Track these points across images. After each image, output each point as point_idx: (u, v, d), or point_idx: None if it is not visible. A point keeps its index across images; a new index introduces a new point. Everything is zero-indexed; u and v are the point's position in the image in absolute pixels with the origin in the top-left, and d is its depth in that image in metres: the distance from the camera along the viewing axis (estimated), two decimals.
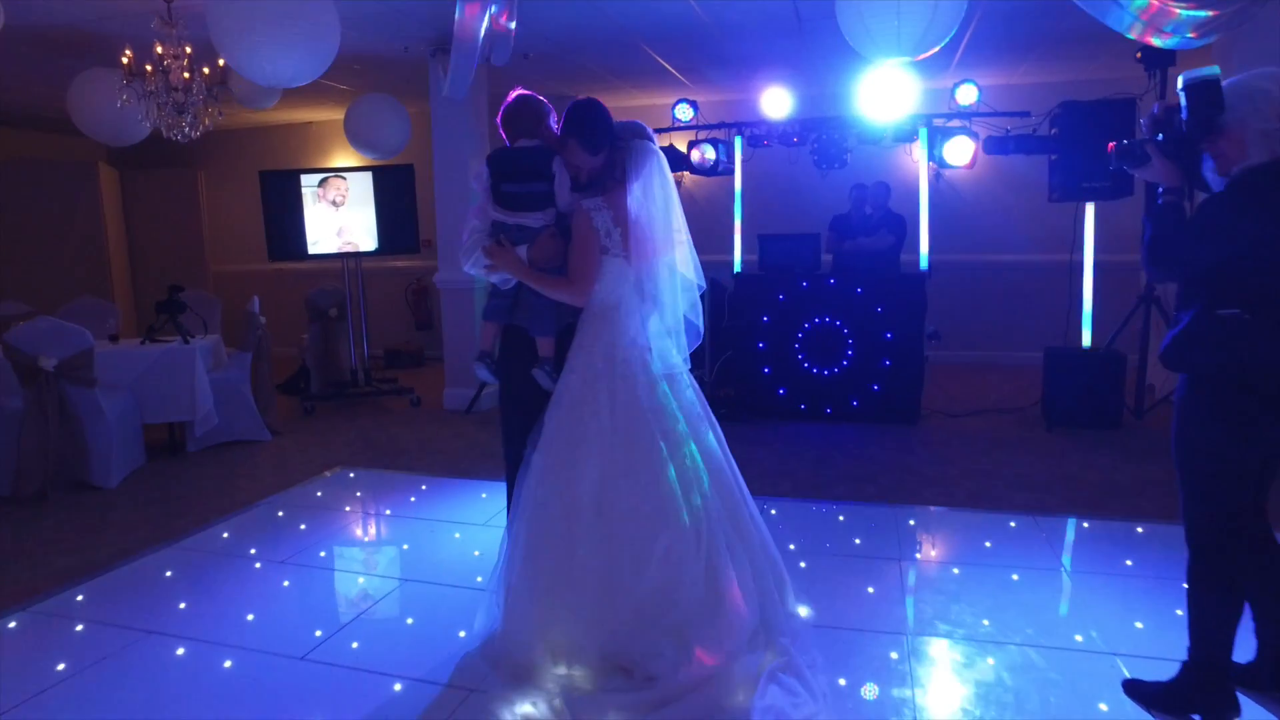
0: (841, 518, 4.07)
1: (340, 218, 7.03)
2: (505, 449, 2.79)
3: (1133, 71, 6.47)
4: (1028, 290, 7.84)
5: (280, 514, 4.28)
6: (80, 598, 3.29)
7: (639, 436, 2.50)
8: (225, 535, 3.98)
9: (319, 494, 4.63)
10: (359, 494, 4.71)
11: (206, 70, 5.06)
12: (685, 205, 2.76)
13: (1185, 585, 2.27)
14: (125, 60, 4.70)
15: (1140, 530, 3.76)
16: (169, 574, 3.51)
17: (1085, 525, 3.88)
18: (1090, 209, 5.85)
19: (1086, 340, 5.98)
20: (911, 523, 4.01)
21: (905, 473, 4.81)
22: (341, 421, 6.50)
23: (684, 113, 6.47)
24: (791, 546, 3.66)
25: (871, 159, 7.34)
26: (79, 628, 3.03)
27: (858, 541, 3.74)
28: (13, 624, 3.06)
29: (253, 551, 3.73)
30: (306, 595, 3.31)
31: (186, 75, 4.83)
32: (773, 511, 4.14)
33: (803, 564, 3.48)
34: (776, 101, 6.13)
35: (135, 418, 5.19)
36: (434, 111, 6.55)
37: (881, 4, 3.08)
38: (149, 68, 4.84)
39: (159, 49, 4.69)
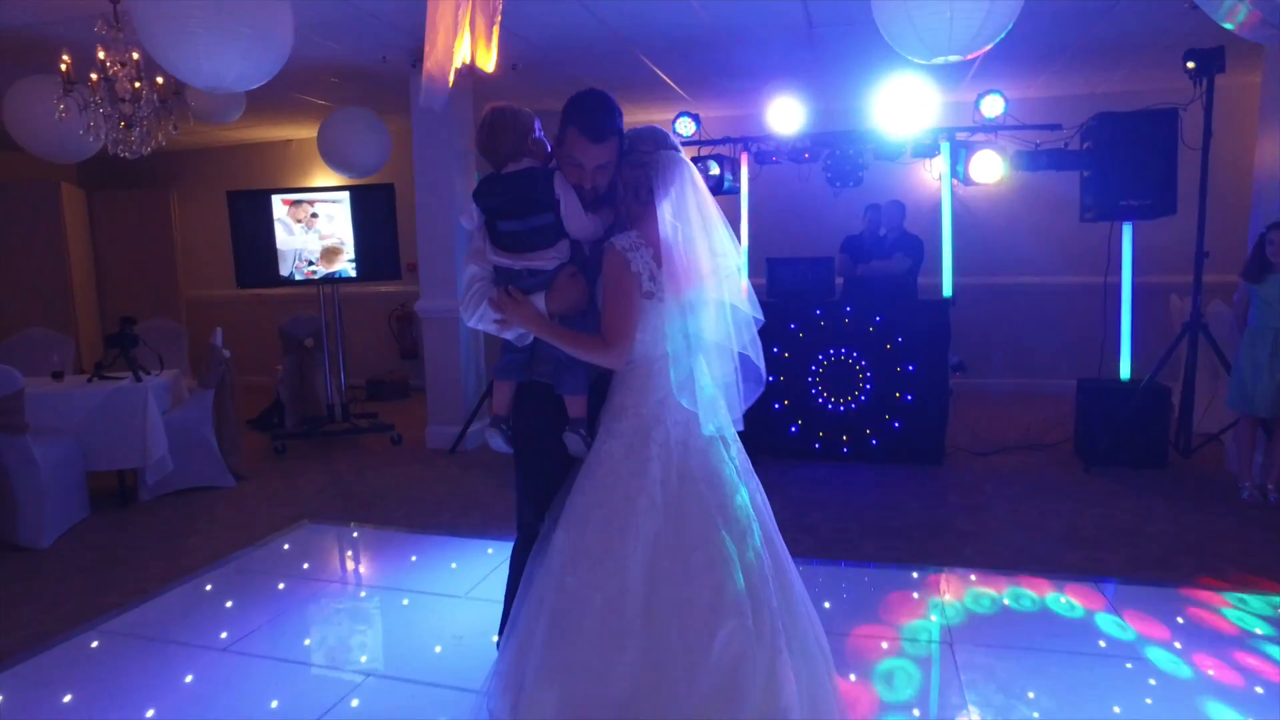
0: (875, 585, 3.55)
1: (316, 241, 6.52)
2: (520, 523, 2.29)
3: (1168, 82, 6.08)
4: (1055, 315, 7.38)
5: (227, 585, 3.73)
6: None
7: (693, 514, 2.03)
8: (162, 612, 3.43)
9: (279, 556, 4.09)
10: (324, 556, 4.17)
11: (160, 80, 4.57)
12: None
13: None
14: (63, 66, 4.20)
15: (1229, 602, 3.25)
16: (84, 669, 2.96)
17: (1159, 593, 3.36)
18: (1128, 229, 5.38)
19: (1125, 371, 5.50)
20: (956, 590, 3.49)
21: (939, 525, 4.29)
22: (314, 463, 5.96)
23: (685, 127, 6.00)
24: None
25: (885, 177, 6.89)
26: None
27: (897, 617, 3.22)
28: None
29: (191, 635, 3.19)
30: (247, 697, 2.75)
31: (136, 85, 4.33)
32: None
33: (834, 648, 2.96)
34: (785, 115, 5.65)
35: (78, 465, 4.66)
36: (415, 126, 6.07)
37: None
38: (94, 76, 4.35)
39: (101, 55, 4.20)
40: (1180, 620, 3.12)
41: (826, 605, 3.33)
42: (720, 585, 1.98)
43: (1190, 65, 4.84)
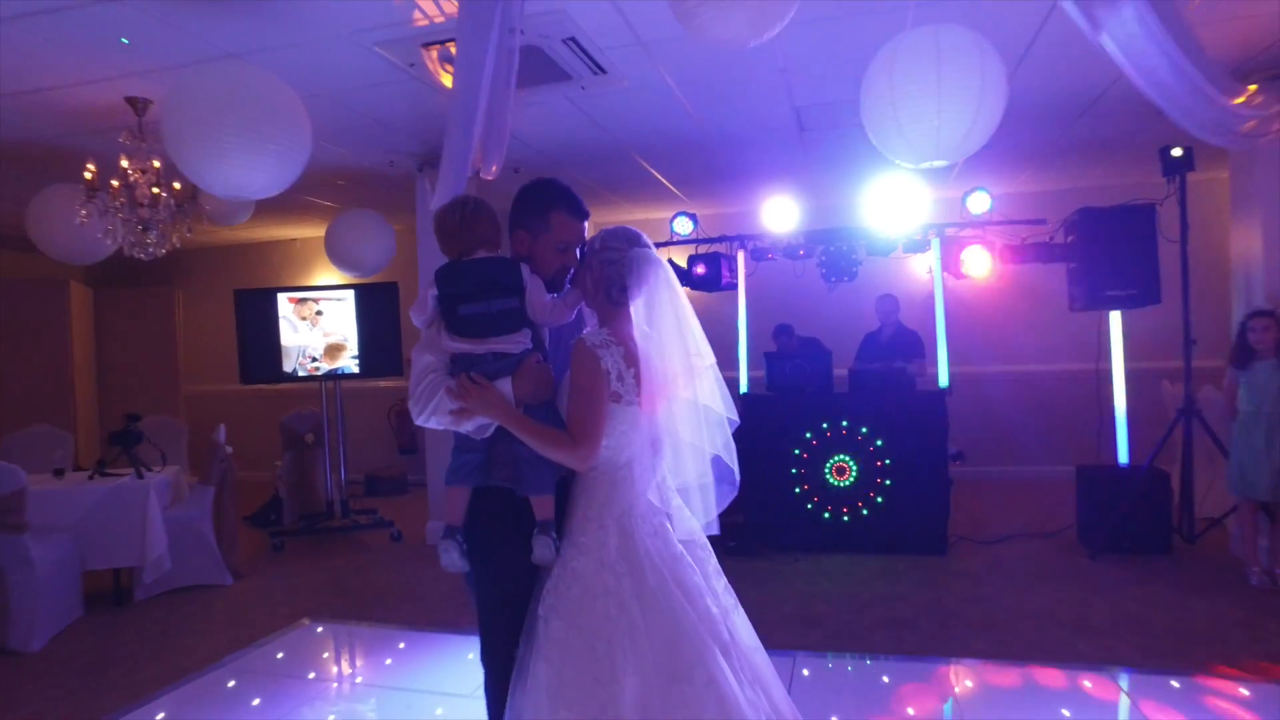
0: (886, 678, 3.50)
1: (319, 338, 6.63)
2: (486, 656, 2.09)
3: (1146, 177, 6.31)
4: (1049, 403, 7.46)
5: (231, 684, 3.66)
6: None
7: (680, 629, 1.93)
8: (160, 716, 3.35)
9: (279, 656, 4.01)
10: (326, 655, 4.10)
11: (177, 185, 4.75)
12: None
13: None
14: (88, 175, 4.38)
15: (1245, 690, 3.21)
16: None
17: (1175, 684, 3.31)
18: (1116, 318, 5.53)
19: (1123, 456, 5.55)
20: (969, 684, 3.44)
21: (948, 616, 4.25)
22: (313, 560, 5.89)
23: (683, 226, 6.21)
24: (834, 719, 3.09)
25: (876, 269, 7.07)
26: None
27: (911, 711, 3.17)
28: None
29: None
30: None
31: (155, 190, 4.50)
32: (804, 672, 3.56)
33: None
34: (780, 213, 5.86)
35: (73, 565, 4.60)
36: (420, 227, 6.26)
37: (921, 100, 2.78)
38: (115, 183, 4.53)
39: (125, 163, 4.38)
40: (1196, 708, 3.08)
41: (842, 693, 3.28)
42: (723, 698, 1.90)
43: (1162, 164, 5.08)
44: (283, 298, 6.59)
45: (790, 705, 2.15)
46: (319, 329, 6.61)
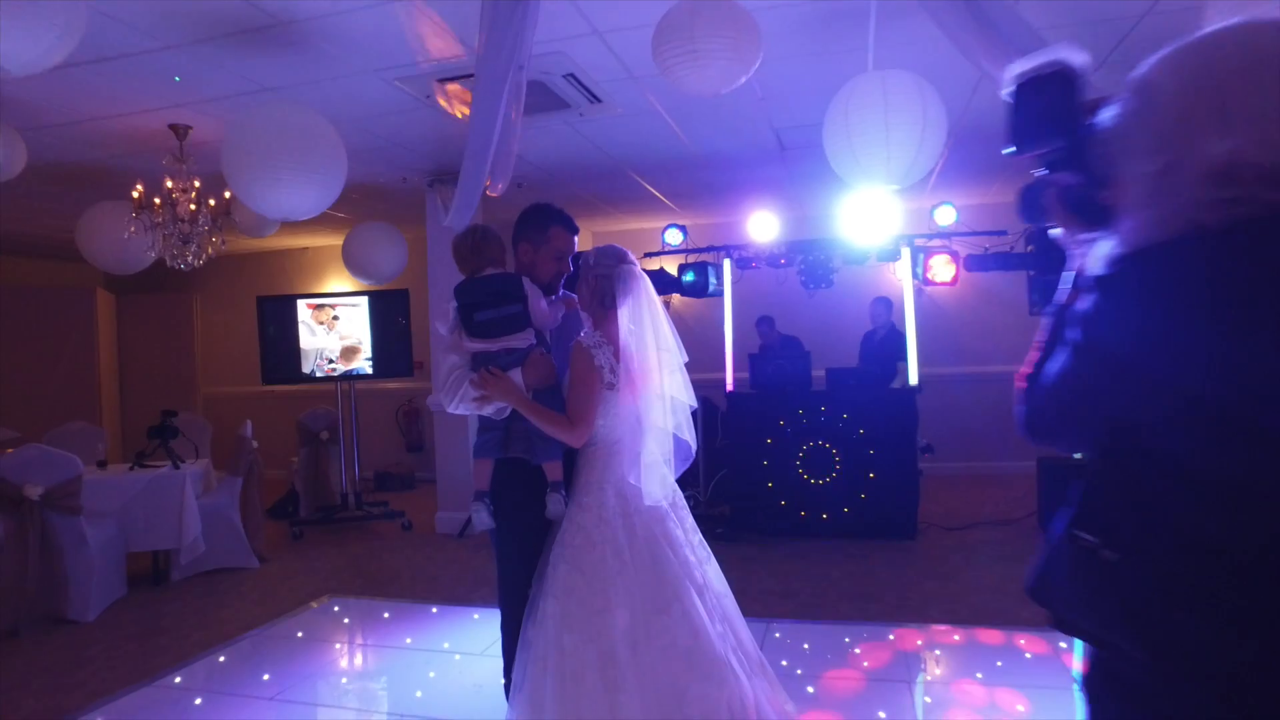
0: (847, 639, 3.97)
1: (336, 341, 7.11)
2: (504, 595, 2.59)
3: None
4: (1012, 401, 7.92)
5: (266, 647, 4.12)
6: None
7: (662, 571, 2.41)
8: (211, 669, 3.82)
9: (307, 625, 4.47)
10: (349, 624, 4.56)
11: (212, 202, 5.22)
12: (675, 326, 2.64)
13: None
14: (136, 194, 4.86)
15: None
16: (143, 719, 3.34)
17: None
18: None
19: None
20: (919, 642, 3.91)
21: (908, 589, 4.72)
22: (330, 547, 6.36)
23: (674, 237, 6.70)
24: (799, 671, 3.55)
25: (857, 277, 7.56)
26: None
27: (866, 664, 3.64)
28: None
29: (240, 689, 3.57)
30: None
31: (193, 207, 4.98)
32: (776, 634, 4.03)
33: (810, 689, 3.37)
34: (763, 225, 6.36)
35: (119, 546, 5.06)
36: (430, 238, 6.74)
37: (872, 135, 3.25)
38: (157, 201, 5.00)
39: (169, 183, 4.86)
40: None
41: (807, 650, 3.75)
42: (696, 629, 2.36)
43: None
44: (302, 304, 7.08)
45: (754, 644, 2.63)
46: (335, 333, 7.09)
